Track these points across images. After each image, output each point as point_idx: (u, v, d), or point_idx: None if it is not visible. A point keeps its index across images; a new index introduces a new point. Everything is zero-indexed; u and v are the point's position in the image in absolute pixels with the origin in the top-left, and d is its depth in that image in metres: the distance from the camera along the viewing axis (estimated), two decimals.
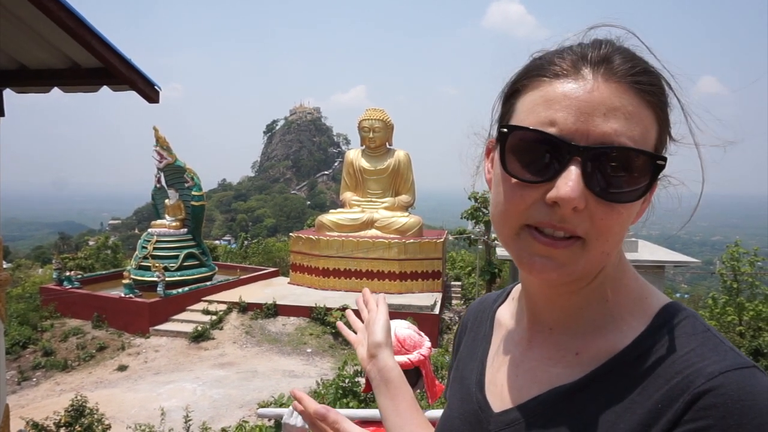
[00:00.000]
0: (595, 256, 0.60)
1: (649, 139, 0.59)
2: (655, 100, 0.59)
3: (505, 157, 0.61)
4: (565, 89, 0.58)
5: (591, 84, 0.58)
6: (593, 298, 0.67)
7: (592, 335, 0.66)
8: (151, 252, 14.76)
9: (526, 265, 0.61)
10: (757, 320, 11.88)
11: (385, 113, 16.86)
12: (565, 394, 0.64)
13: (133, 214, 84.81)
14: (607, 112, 0.56)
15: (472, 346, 0.86)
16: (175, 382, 10.07)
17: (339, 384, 5.57)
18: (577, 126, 0.57)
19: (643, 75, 0.59)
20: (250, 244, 26.64)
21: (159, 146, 15.21)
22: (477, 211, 15.97)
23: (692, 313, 0.65)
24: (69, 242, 42.78)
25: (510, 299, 0.85)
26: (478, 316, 0.89)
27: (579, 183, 0.56)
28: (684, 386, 0.55)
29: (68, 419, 5.85)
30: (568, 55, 0.61)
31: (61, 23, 2.60)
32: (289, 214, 75.93)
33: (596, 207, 0.57)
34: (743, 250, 12.92)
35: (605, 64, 0.59)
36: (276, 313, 13.34)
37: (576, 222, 0.58)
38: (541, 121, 0.58)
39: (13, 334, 11.50)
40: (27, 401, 9.52)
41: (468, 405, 0.77)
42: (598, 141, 0.56)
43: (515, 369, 0.73)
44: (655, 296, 0.67)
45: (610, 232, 0.59)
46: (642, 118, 0.58)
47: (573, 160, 0.56)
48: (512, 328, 0.79)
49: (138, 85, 3.11)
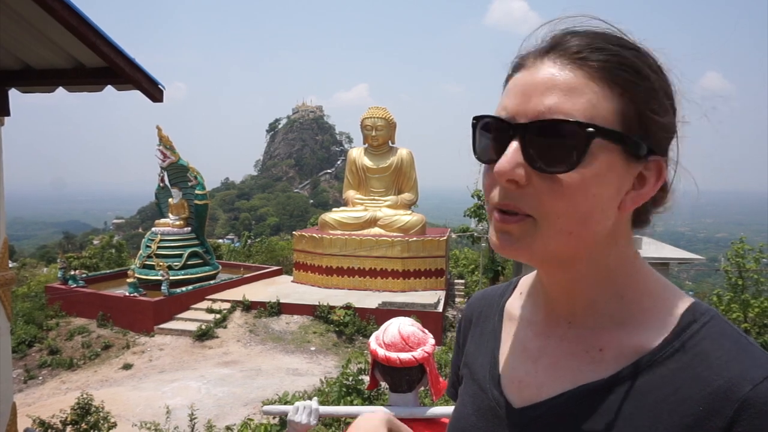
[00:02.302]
0: (552, 234, 0.60)
1: (599, 113, 0.58)
2: (608, 75, 0.59)
3: (474, 144, 0.66)
4: (517, 78, 0.63)
5: (538, 68, 0.61)
6: (607, 292, 0.66)
7: (614, 331, 0.65)
8: (155, 251, 14.79)
9: (493, 243, 0.65)
10: (762, 317, 11.83)
11: (387, 111, 16.84)
12: (594, 392, 0.63)
13: (137, 213, 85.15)
14: (545, 90, 0.59)
15: (480, 341, 0.85)
16: (179, 380, 10.11)
17: (343, 382, 5.58)
18: (518, 107, 0.61)
19: (596, 52, 0.60)
20: (253, 243, 26.67)
21: (162, 145, 15.23)
22: (480, 208, 15.95)
23: (716, 313, 0.64)
24: (73, 241, 42.96)
25: (518, 293, 0.84)
26: (484, 311, 0.88)
27: (514, 156, 0.59)
28: (728, 391, 0.55)
29: (74, 417, 5.87)
30: (533, 51, 0.64)
31: (66, 23, 2.61)
32: (292, 213, 76.02)
33: (539, 182, 0.59)
34: (748, 246, 12.86)
35: (556, 48, 0.62)
36: (279, 311, 13.37)
37: (519, 197, 0.60)
38: (498, 109, 0.64)
39: (19, 333, 11.57)
40: (33, 399, 9.58)
41: (482, 401, 0.76)
42: (533, 117, 0.59)
43: (534, 364, 0.72)
44: (678, 295, 0.67)
45: (558, 208, 0.59)
46: (586, 91, 0.58)
47: (514, 138, 0.60)
48: (525, 322, 0.77)
49: (142, 84, 3.12)
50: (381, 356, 1.78)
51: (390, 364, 1.77)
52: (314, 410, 1.87)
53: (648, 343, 0.63)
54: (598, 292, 0.66)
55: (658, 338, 0.63)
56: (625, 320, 0.65)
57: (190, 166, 15.51)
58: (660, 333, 0.63)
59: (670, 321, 0.64)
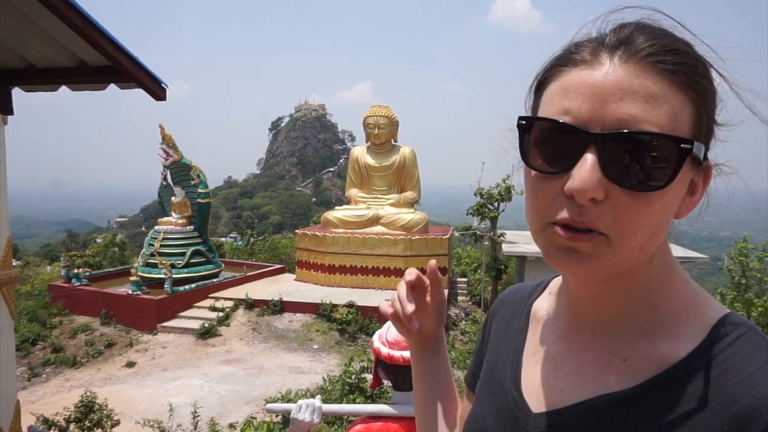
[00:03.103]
0: (624, 252, 0.56)
1: (680, 122, 0.54)
2: (685, 80, 0.55)
3: (525, 149, 0.60)
4: (580, 76, 0.56)
5: (606, 68, 0.55)
6: (640, 302, 0.63)
7: (640, 341, 0.62)
8: (158, 249, 14.82)
9: (552, 258, 0.59)
10: (765, 316, 11.79)
11: (390, 110, 16.82)
12: (615, 404, 0.60)
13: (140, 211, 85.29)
14: (623, 96, 0.53)
15: (504, 339, 0.82)
16: (182, 378, 10.14)
17: (345, 380, 5.59)
18: (591, 113, 0.54)
19: (669, 54, 0.55)
20: (256, 241, 26.68)
21: (165, 144, 15.25)
22: (483, 207, 15.91)
23: (752, 326, 0.61)
24: (77, 240, 43.05)
25: (547, 293, 0.81)
26: (511, 307, 0.85)
27: (594, 172, 0.53)
28: (754, 411, 0.52)
29: (78, 415, 5.90)
30: (589, 43, 0.59)
31: (69, 22, 2.62)
32: (294, 211, 76.05)
33: (618, 198, 0.54)
34: (752, 245, 12.82)
35: (624, 46, 0.56)
36: (282, 309, 13.38)
37: (595, 215, 0.54)
38: (557, 110, 0.57)
39: (22, 331, 11.61)
40: (37, 397, 9.62)
41: (501, 402, 0.73)
42: (614, 127, 0.53)
43: (555, 369, 0.69)
44: (710, 305, 0.63)
45: (636, 225, 0.55)
46: (668, 99, 0.54)
47: (588, 148, 0.54)
48: (550, 324, 0.75)
49: (145, 82, 3.12)
50: (384, 354, 1.79)
51: (393, 362, 1.77)
52: (317, 408, 1.88)
53: (675, 354, 0.59)
54: (632, 301, 0.63)
55: (686, 350, 0.59)
56: (654, 330, 0.62)
57: (192, 164, 15.53)
58: (688, 345, 0.60)
59: (700, 332, 0.60)
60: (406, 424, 1.78)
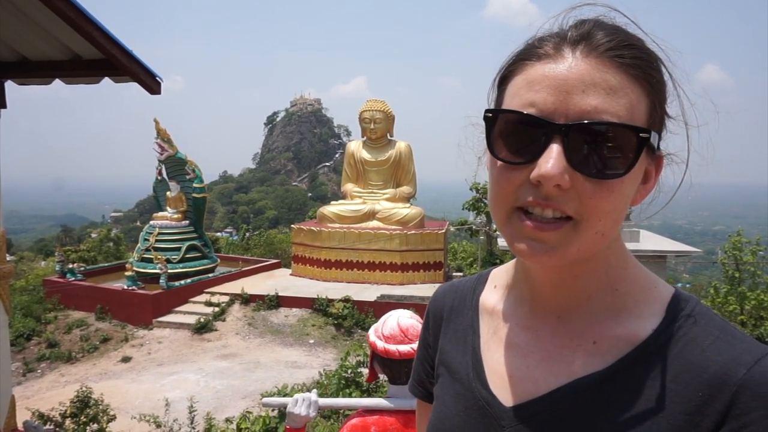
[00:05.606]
0: (589, 236, 0.59)
1: (637, 113, 0.58)
2: (641, 73, 0.58)
3: (491, 141, 0.62)
4: (545, 70, 0.59)
5: (569, 62, 0.58)
6: (602, 286, 0.66)
7: (607, 323, 0.65)
8: (154, 244, 14.79)
9: (517, 249, 0.61)
10: (758, 309, 11.89)
11: (385, 104, 16.79)
12: (592, 385, 0.63)
13: (135, 206, 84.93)
14: (585, 88, 0.56)
15: (455, 338, 0.81)
16: (178, 373, 10.14)
17: (342, 374, 5.61)
18: (556, 105, 0.57)
19: (626, 48, 0.58)
20: (251, 236, 26.66)
21: (160, 138, 15.17)
22: (478, 201, 15.96)
23: (696, 299, 0.66)
24: (71, 235, 42.89)
25: (491, 286, 0.81)
26: (455, 306, 0.84)
27: (560, 160, 0.56)
28: (723, 375, 0.56)
29: (74, 410, 5.89)
30: (551, 38, 0.61)
31: (63, 14, 2.60)
32: (290, 206, 75.91)
33: (582, 185, 0.57)
34: (745, 239, 12.90)
35: (585, 41, 0.59)
36: (278, 304, 13.39)
37: (563, 200, 0.57)
38: (522, 103, 0.59)
39: (17, 326, 11.57)
40: (32, 392, 9.60)
41: (468, 401, 0.73)
42: (577, 118, 0.56)
43: (524, 360, 0.69)
44: (661, 284, 0.68)
45: (601, 211, 0.58)
46: (626, 92, 0.57)
47: (554, 138, 0.56)
48: (507, 316, 0.75)
49: (139, 76, 3.11)
50: (380, 348, 1.79)
51: (389, 356, 1.78)
52: (313, 402, 1.88)
53: (641, 332, 0.63)
54: (596, 286, 0.66)
55: (651, 327, 0.63)
56: (618, 312, 0.65)
57: (188, 159, 15.48)
58: (651, 322, 0.63)
59: (658, 310, 0.64)
60: (402, 418, 1.78)
